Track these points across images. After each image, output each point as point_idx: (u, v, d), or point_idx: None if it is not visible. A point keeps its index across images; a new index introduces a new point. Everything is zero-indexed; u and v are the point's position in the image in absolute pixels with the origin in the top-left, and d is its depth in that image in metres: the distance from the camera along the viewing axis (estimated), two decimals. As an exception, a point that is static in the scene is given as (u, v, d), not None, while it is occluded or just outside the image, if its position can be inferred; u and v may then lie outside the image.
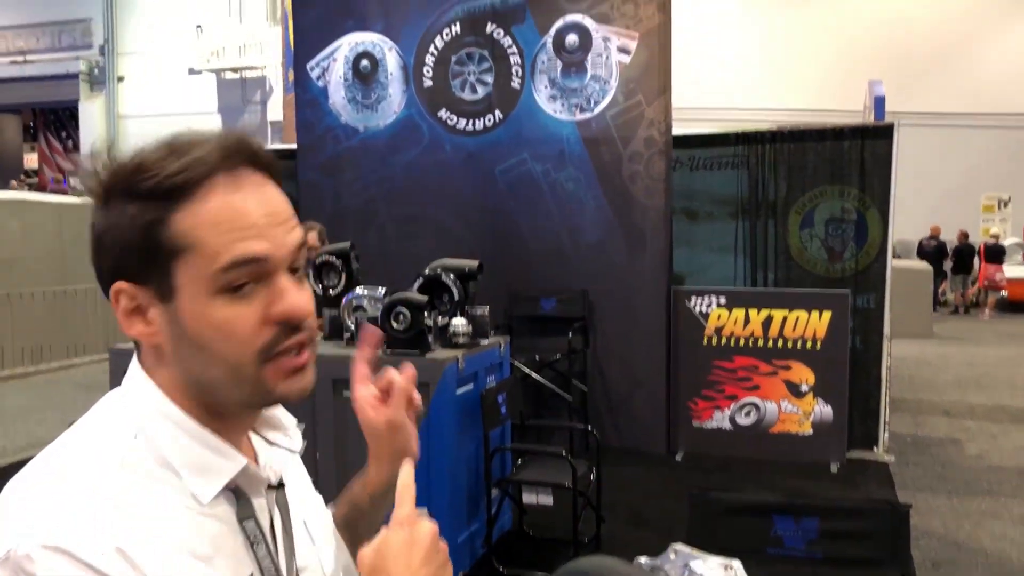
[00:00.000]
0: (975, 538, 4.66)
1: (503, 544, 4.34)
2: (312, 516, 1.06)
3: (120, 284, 0.85)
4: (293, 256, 0.88)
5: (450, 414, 3.97)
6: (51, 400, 8.16)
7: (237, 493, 0.91)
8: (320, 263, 4.20)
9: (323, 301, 4.21)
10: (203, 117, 22.15)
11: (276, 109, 20.30)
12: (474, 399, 4.18)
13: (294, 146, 7.05)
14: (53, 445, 0.88)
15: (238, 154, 0.86)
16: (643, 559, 1.46)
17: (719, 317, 6.02)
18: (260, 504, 0.94)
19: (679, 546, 1.50)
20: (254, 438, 1.00)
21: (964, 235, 16.75)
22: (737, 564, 1.46)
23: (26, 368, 9.48)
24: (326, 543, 1.07)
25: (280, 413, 1.04)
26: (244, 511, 0.91)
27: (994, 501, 5.27)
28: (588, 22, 6.08)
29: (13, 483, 0.85)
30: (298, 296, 0.87)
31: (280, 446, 1.01)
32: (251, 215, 0.84)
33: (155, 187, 0.82)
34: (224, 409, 0.91)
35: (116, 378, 3.88)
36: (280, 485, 0.97)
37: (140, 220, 0.83)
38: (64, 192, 18.22)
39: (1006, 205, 18.64)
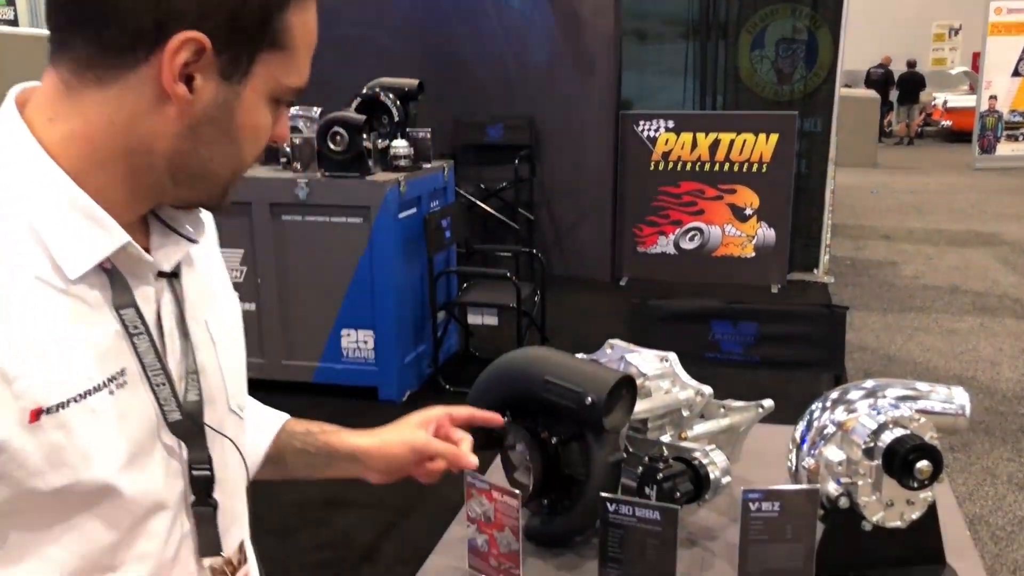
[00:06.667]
0: (906, 350, 4.85)
1: (450, 365, 4.40)
2: (217, 316, 0.93)
3: (195, 35, 0.72)
4: None
5: (392, 238, 3.91)
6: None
7: (114, 277, 0.79)
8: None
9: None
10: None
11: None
12: (417, 224, 4.12)
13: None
14: None
15: None
16: (580, 355, 1.45)
17: (667, 142, 5.95)
18: (145, 293, 0.82)
19: (615, 341, 1.49)
20: (153, 221, 0.86)
21: (911, 64, 16.60)
22: (672, 356, 1.45)
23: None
24: (229, 347, 0.94)
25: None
26: (122, 298, 0.79)
27: (925, 317, 5.46)
28: None
29: None
30: (287, 125, 0.89)
31: (180, 232, 0.87)
32: (314, 45, 0.85)
33: None
34: (162, 197, 0.83)
35: None
36: (174, 274, 0.85)
37: None
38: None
39: (956, 33, 18.50)
